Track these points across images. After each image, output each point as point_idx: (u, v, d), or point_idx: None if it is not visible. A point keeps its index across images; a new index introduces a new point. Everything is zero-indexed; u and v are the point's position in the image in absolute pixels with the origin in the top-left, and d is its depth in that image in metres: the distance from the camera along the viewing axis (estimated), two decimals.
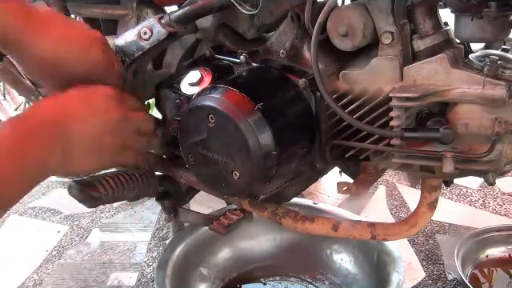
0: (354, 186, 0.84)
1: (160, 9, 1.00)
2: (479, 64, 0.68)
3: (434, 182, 0.81)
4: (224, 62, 0.90)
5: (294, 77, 0.80)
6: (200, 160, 0.80)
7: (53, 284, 1.42)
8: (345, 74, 0.77)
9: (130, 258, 1.51)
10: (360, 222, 0.91)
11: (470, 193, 1.72)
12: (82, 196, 0.81)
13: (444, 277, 1.35)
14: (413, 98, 0.69)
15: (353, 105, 0.76)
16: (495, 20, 0.66)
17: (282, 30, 0.84)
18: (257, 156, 0.73)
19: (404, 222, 0.85)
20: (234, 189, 0.80)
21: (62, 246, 1.58)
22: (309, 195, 1.71)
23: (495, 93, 0.65)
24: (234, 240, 1.32)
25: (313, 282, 1.31)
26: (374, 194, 1.73)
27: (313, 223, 0.90)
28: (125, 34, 0.86)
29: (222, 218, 1.01)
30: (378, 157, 0.79)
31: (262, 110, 0.73)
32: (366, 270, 1.25)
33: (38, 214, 1.76)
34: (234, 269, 1.33)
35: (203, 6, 0.80)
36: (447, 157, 0.68)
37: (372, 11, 0.72)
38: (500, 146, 0.68)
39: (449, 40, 0.73)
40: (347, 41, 0.74)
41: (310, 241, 1.29)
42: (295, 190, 0.94)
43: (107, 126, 0.67)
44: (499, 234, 1.38)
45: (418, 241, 1.49)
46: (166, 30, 0.82)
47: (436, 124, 0.69)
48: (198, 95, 0.80)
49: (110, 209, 1.76)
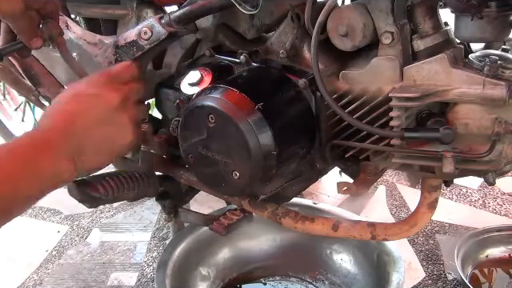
0: (353, 185, 0.84)
1: (160, 9, 1.00)
2: (479, 64, 0.68)
3: (434, 181, 0.81)
4: (224, 62, 0.90)
5: (294, 77, 0.80)
6: (200, 160, 0.80)
7: (53, 284, 1.42)
8: (345, 74, 0.77)
9: (130, 258, 1.51)
10: (360, 221, 0.91)
11: (470, 193, 1.72)
12: (82, 196, 0.81)
13: (444, 277, 1.35)
14: (413, 98, 0.69)
15: (353, 105, 0.76)
16: (495, 20, 0.66)
17: (281, 30, 0.84)
18: (257, 156, 0.73)
19: (404, 222, 0.85)
20: (234, 189, 0.80)
21: (62, 246, 1.58)
22: (309, 195, 1.71)
23: (495, 93, 0.65)
24: (234, 240, 1.32)
25: (313, 282, 1.31)
26: (373, 194, 1.73)
27: (313, 223, 0.90)
28: (125, 33, 0.86)
29: (222, 218, 1.01)
30: (378, 157, 0.79)
31: (262, 110, 0.73)
32: (366, 270, 1.25)
33: (38, 214, 1.76)
34: (234, 269, 1.33)
35: (203, 6, 0.80)
36: (447, 157, 0.68)
37: (372, 11, 0.72)
38: (500, 146, 0.68)
39: (449, 40, 0.73)
40: (347, 41, 0.74)
41: (309, 241, 1.29)
42: (295, 190, 0.94)
43: (113, 121, 0.66)
44: (499, 234, 1.38)
45: (418, 241, 1.49)
46: (166, 30, 0.82)
47: (436, 124, 0.69)
48: (198, 95, 0.80)
49: (110, 209, 1.76)
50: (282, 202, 0.93)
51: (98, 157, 0.65)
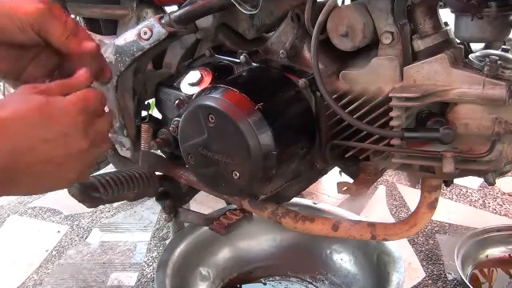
0: (353, 185, 0.84)
1: (160, 9, 1.00)
2: (479, 64, 0.68)
3: (434, 181, 0.81)
4: (224, 62, 0.90)
5: (294, 77, 0.80)
6: (200, 160, 0.80)
7: (53, 284, 1.42)
8: (345, 74, 0.77)
9: (130, 258, 1.51)
10: (360, 221, 0.91)
11: (470, 193, 1.72)
12: (82, 196, 0.81)
13: (444, 277, 1.35)
14: (413, 98, 0.69)
15: (353, 105, 0.76)
16: (495, 20, 0.67)
17: (282, 30, 0.84)
18: (257, 156, 0.73)
19: (404, 222, 0.85)
20: (234, 189, 0.80)
21: (61, 246, 1.58)
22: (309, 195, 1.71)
23: (495, 93, 0.65)
24: (234, 240, 1.32)
25: (313, 282, 1.31)
26: (373, 194, 1.73)
27: (313, 223, 0.90)
28: (125, 33, 0.86)
29: (222, 218, 1.01)
30: (378, 157, 0.79)
31: (262, 110, 0.73)
32: (365, 270, 1.24)
33: (38, 214, 1.76)
34: (234, 269, 1.33)
35: (203, 5, 0.80)
36: (447, 157, 0.68)
37: (372, 11, 0.72)
38: (500, 146, 0.68)
39: (449, 40, 0.73)
40: (347, 41, 0.74)
41: (309, 241, 1.29)
42: (295, 190, 0.94)
43: (68, 166, 0.53)
44: (499, 234, 1.38)
45: (418, 241, 1.49)
46: (166, 29, 0.82)
47: (436, 124, 0.69)
48: (198, 95, 0.80)
49: (110, 209, 1.76)
50: (281, 201, 0.93)
51: (32, 191, 0.55)
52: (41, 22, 0.56)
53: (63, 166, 0.53)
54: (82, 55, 0.59)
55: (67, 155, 0.52)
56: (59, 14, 0.57)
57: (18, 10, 0.55)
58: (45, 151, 0.51)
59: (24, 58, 0.61)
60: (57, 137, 0.51)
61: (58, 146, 0.51)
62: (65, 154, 0.52)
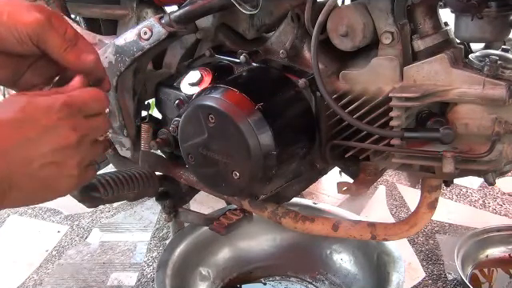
0: (353, 185, 0.84)
1: (160, 9, 1.00)
2: (479, 64, 0.68)
3: (434, 181, 0.81)
4: (224, 62, 0.90)
5: (294, 77, 0.80)
6: (200, 160, 0.80)
7: (53, 284, 1.42)
8: (345, 74, 0.77)
9: (130, 258, 1.51)
10: (360, 221, 0.91)
11: (470, 193, 1.72)
12: (81, 196, 0.81)
13: (444, 277, 1.34)
14: (413, 98, 0.69)
15: (353, 105, 0.76)
16: (495, 20, 0.67)
17: (282, 30, 0.84)
18: (257, 156, 0.73)
19: (404, 222, 0.85)
20: (234, 189, 0.80)
21: (61, 246, 1.58)
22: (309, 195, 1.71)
23: (495, 93, 0.65)
24: (234, 240, 1.32)
25: (313, 282, 1.31)
26: (373, 194, 1.73)
27: (313, 223, 0.90)
28: (125, 33, 0.86)
29: (222, 218, 1.01)
30: (378, 157, 0.79)
31: (262, 110, 0.73)
32: (365, 270, 1.25)
33: (38, 214, 1.76)
34: (234, 269, 1.33)
35: (203, 5, 0.80)
36: (447, 157, 0.68)
37: (372, 11, 0.72)
38: (500, 146, 0.68)
39: (449, 40, 0.73)
40: (347, 41, 0.74)
41: (309, 241, 1.29)
42: (295, 190, 0.94)
43: (59, 163, 0.53)
44: (499, 234, 1.38)
45: (418, 241, 1.49)
46: (166, 29, 0.82)
47: (436, 124, 0.69)
48: (198, 95, 0.80)
49: (110, 209, 1.76)
50: (281, 201, 0.93)
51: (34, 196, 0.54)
52: (39, 33, 0.55)
53: (57, 164, 0.52)
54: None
55: (54, 150, 0.52)
56: (58, 25, 0.56)
57: (17, 20, 0.54)
58: (33, 149, 0.51)
59: (21, 66, 0.60)
60: (40, 133, 0.51)
61: (44, 142, 0.51)
62: (52, 149, 0.52)
